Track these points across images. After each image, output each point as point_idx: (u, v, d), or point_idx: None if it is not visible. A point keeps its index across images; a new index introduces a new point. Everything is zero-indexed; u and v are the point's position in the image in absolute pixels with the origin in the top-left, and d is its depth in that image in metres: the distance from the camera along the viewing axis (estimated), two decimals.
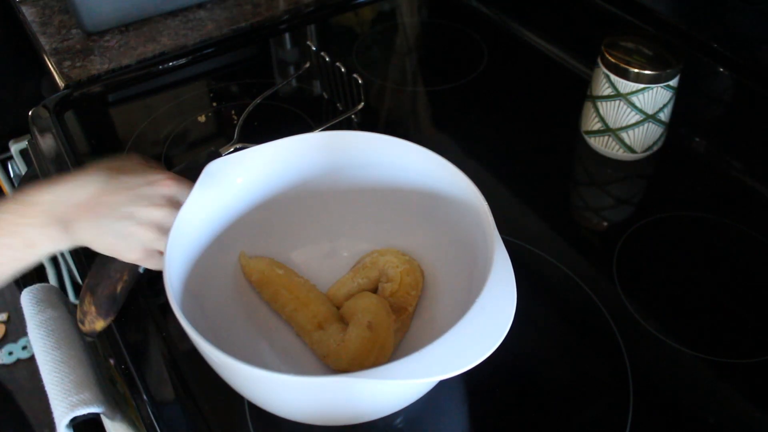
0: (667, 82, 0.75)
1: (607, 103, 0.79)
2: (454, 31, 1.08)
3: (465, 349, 0.45)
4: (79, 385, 0.60)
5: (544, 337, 0.64)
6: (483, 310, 0.47)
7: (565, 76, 0.96)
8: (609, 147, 0.81)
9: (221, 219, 0.61)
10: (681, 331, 0.64)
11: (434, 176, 0.61)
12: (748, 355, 0.62)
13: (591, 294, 0.66)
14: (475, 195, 0.56)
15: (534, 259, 0.70)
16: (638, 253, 0.71)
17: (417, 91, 0.97)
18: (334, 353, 0.57)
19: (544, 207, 0.77)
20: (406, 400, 0.54)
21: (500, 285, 0.49)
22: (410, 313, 0.61)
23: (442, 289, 0.62)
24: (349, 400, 0.50)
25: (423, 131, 0.92)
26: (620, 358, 0.61)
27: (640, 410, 0.57)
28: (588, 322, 0.65)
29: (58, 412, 0.58)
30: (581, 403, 0.59)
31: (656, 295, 0.67)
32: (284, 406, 0.52)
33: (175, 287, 0.52)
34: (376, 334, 0.56)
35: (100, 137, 0.91)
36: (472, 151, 0.84)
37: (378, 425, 0.56)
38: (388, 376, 0.44)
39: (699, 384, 0.61)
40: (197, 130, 0.90)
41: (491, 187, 0.62)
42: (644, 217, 0.76)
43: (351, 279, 0.63)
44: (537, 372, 0.61)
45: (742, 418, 0.58)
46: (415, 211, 0.64)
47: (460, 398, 0.59)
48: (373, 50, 1.05)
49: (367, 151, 0.63)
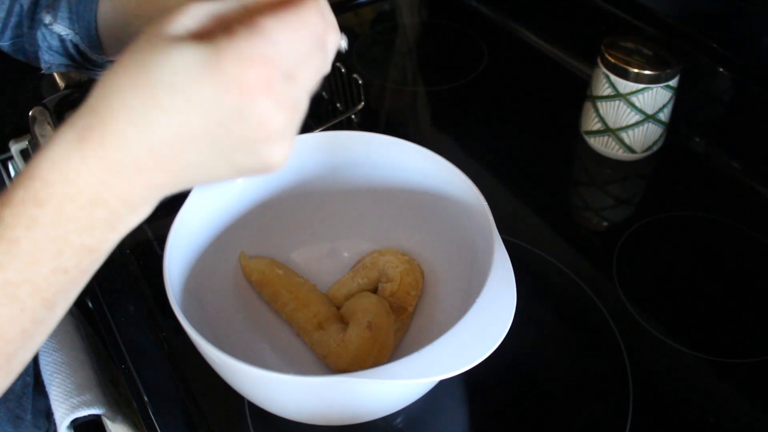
0: (666, 83, 0.75)
1: (606, 104, 0.79)
2: (454, 31, 1.08)
3: (465, 349, 0.45)
4: (80, 387, 0.60)
5: (544, 337, 0.64)
6: (483, 310, 0.47)
7: (565, 76, 0.96)
8: (609, 147, 0.81)
9: (221, 219, 0.61)
10: (681, 331, 0.64)
11: (434, 176, 0.61)
12: (748, 355, 0.62)
13: (591, 294, 0.66)
14: (475, 195, 0.57)
15: (534, 259, 0.70)
16: (638, 253, 0.71)
17: (417, 91, 0.97)
18: (334, 353, 0.57)
19: (544, 207, 0.77)
20: (406, 400, 0.54)
21: (500, 285, 0.49)
22: (410, 313, 0.61)
23: (442, 289, 0.62)
24: (349, 400, 0.50)
25: (423, 131, 0.92)
26: (620, 358, 0.61)
27: (640, 410, 0.57)
28: (588, 322, 0.65)
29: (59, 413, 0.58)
30: (581, 403, 0.59)
31: (656, 295, 0.67)
32: (284, 406, 0.52)
33: (175, 287, 0.52)
34: (376, 334, 0.56)
35: None
36: (472, 151, 0.84)
37: (378, 425, 0.56)
38: (388, 376, 0.44)
39: (699, 384, 0.61)
40: None
41: (491, 187, 0.62)
42: (644, 217, 0.76)
43: (351, 279, 0.63)
44: (537, 372, 0.61)
45: (742, 418, 0.58)
46: (415, 211, 0.64)
47: (460, 398, 0.59)
48: (373, 50, 1.05)
49: (367, 151, 0.63)
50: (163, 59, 0.32)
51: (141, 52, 0.33)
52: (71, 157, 0.33)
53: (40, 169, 0.33)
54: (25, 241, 0.32)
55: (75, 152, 0.33)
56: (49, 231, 0.33)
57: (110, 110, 0.32)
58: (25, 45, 0.62)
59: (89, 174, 0.33)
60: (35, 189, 0.32)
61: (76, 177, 0.33)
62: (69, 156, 0.33)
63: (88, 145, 0.33)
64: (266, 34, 0.32)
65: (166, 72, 0.32)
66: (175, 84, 0.32)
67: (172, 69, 0.32)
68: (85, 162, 0.33)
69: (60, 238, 0.33)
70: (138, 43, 0.33)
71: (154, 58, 0.32)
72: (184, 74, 0.32)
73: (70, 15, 0.60)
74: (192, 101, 0.32)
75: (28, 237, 0.32)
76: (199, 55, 0.31)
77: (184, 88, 0.32)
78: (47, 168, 0.33)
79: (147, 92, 0.32)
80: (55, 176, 0.33)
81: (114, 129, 0.32)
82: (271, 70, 0.32)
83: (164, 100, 0.32)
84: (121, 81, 0.33)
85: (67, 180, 0.33)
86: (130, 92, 0.32)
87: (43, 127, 0.88)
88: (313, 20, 0.34)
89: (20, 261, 0.32)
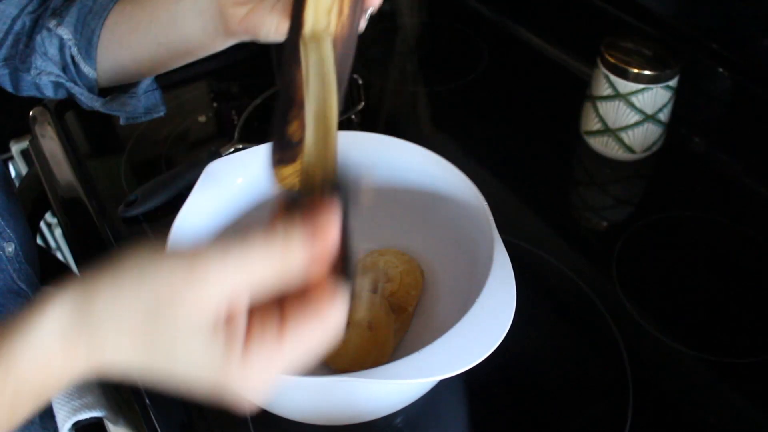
0: (666, 83, 0.76)
1: (606, 104, 0.79)
2: (454, 31, 1.08)
3: (465, 349, 0.45)
4: (81, 389, 0.59)
5: (544, 337, 0.64)
6: (483, 310, 0.47)
7: (565, 77, 0.96)
8: (609, 147, 0.81)
9: (221, 219, 0.61)
10: (681, 330, 0.64)
11: (434, 176, 0.61)
12: (748, 355, 0.62)
13: (591, 294, 0.66)
14: (475, 195, 0.57)
15: (534, 259, 0.70)
16: (638, 253, 0.71)
17: (417, 91, 0.97)
18: (334, 353, 0.57)
19: (544, 207, 0.77)
20: (406, 400, 0.54)
21: (500, 285, 0.49)
22: (410, 313, 0.61)
23: (442, 289, 0.62)
24: (349, 400, 0.50)
25: (423, 131, 0.92)
26: (620, 357, 0.61)
27: (639, 410, 0.57)
28: (588, 322, 0.65)
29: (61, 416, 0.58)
30: (581, 403, 0.59)
31: (656, 295, 0.67)
32: (284, 405, 0.52)
33: None
34: (376, 334, 0.56)
35: (101, 137, 0.91)
36: (472, 151, 0.84)
37: (378, 425, 0.56)
38: (388, 376, 0.44)
39: (699, 384, 0.61)
40: (198, 130, 0.90)
41: (491, 187, 0.62)
42: (644, 217, 0.76)
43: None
44: (537, 372, 0.61)
45: (741, 418, 0.58)
46: (415, 211, 0.64)
47: (460, 398, 0.59)
48: (373, 50, 1.05)
49: (367, 151, 0.63)
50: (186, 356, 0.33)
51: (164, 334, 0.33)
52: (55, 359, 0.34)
53: (23, 355, 0.33)
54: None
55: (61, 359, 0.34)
56: (9, 398, 0.34)
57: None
58: (16, 63, 0.64)
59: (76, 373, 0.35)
60: (11, 372, 0.33)
61: (60, 375, 0.34)
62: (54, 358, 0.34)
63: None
64: (283, 350, 0.34)
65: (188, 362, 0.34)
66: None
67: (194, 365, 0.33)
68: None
69: (14, 404, 0.35)
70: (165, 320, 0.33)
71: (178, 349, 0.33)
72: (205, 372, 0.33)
73: (76, 22, 0.61)
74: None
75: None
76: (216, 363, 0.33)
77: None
78: (28, 362, 0.33)
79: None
80: (35, 374, 0.34)
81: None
82: (274, 375, 0.34)
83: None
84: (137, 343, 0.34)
85: (49, 375, 0.34)
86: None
87: (43, 127, 0.88)
88: (333, 321, 0.35)
89: None
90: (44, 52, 0.62)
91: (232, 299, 0.33)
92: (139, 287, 0.33)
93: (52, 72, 0.63)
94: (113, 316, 0.33)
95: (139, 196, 0.75)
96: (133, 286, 0.33)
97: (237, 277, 0.33)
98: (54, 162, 0.83)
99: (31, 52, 0.62)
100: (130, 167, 0.84)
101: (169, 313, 0.32)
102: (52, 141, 0.85)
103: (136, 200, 0.75)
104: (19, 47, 0.63)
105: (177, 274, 0.32)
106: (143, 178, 0.78)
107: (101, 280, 0.34)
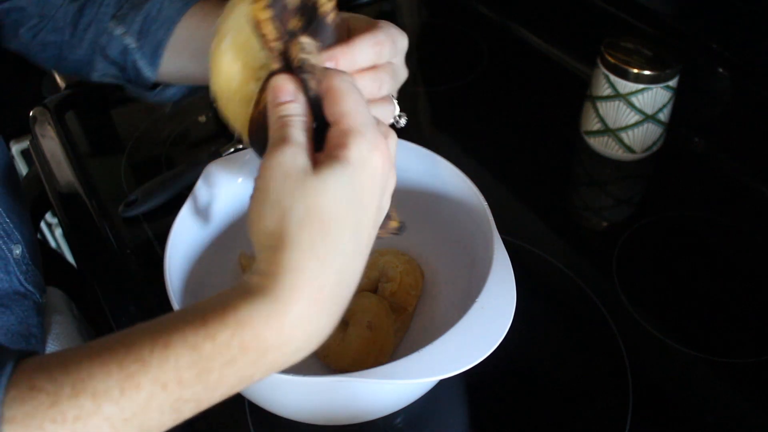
0: (666, 83, 0.76)
1: (606, 104, 0.79)
2: (454, 31, 1.08)
3: (465, 349, 0.45)
4: None
5: (544, 337, 0.64)
6: (483, 310, 0.48)
7: (565, 77, 0.96)
8: (609, 147, 0.81)
9: (221, 219, 0.61)
10: (681, 331, 0.64)
11: (434, 176, 0.61)
12: (748, 355, 0.62)
13: (591, 294, 0.66)
14: (475, 195, 0.57)
15: (534, 259, 0.70)
16: (638, 253, 0.71)
17: (417, 91, 0.97)
18: (334, 353, 0.57)
19: (544, 207, 0.77)
20: (406, 400, 0.54)
21: (500, 285, 0.49)
22: (410, 313, 0.61)
23: (442, 289, 0.62)
24: (349, 400, 0.50)
25: (423, 131, 0.92)
26: (620, 357, 0.61)
27: (639, 410, 0.57)
28: (588, 322, 0.65)
29: None
30: (581, 403, 0.59)
31: (656, 295, 0.67)
32: (284, 405, 0.52)
33: (175, 287, 0.52)
34: (376, 334, 0.56)
35: (101, 137, 0.91)
36: (472, 151, 0.84)
37: (378, 425, 0.56)
38: (388, 376, 0.44)
39: (699, 384, 0.61)
40: (198, 130, 0.90)
41: (491, 187, 0.62)
42: (644, 217, 0.76)
43: None
44: (537, 372, 0.61)
45: (741, 418, 0.58)
46: (415, 211, 0.64)
47: (460, 398, 0.60)
48: None
49: None
50: (322, 195, 0.35)
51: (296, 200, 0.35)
52: (283, 315, 0.35)
53: (250, 318, 0.34)
54: (216, 373, 0.34)
55: (285, 314, 0.35)
56: (242, 371, 0.35)
57: (302, 273, 0.35)
58: (65, 52, 0.64)
59: (300, 331, 0.35)
60: (244, 337, 0.34)
61: (291, 332, 0.35)
62: (280, 315, 0.35)
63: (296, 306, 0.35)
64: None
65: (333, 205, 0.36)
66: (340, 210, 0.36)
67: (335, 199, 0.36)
68: (299, 321, 0.35)
69: (247, 377, 0.36)
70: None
71: (319, 198, 0.35)
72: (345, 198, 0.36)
73: (141, 30, 0.61)
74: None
75: (220, 371, 0.34)
76: (345, 177, 0.36)
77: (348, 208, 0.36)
78: (260, 324, 0.34)
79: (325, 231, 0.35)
80: (268, 333, 0.34)
81: (316, 285, 0.35)
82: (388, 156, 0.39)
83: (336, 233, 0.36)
84: (303, 236, 0.35)
85: (280, 335, 0.35)
86: (317, 238, 0.35)
87: (44, 127, 0.88)
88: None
89: (202, 386, 0.35)
90: (105, 55, 0.62)
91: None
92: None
93: (114, 75, 0.64)
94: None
95: (139, 196, 0.75)
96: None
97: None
98: (54, 162, 0.83)
99: (80, 49, 0.62)
100: (130, 167, 0.84)
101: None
102: (52, 141, 0.85)
103: (136, 200, 0.75)
104: (65, 36, 0.63)
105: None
106: (143, 178, 0.78)
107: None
